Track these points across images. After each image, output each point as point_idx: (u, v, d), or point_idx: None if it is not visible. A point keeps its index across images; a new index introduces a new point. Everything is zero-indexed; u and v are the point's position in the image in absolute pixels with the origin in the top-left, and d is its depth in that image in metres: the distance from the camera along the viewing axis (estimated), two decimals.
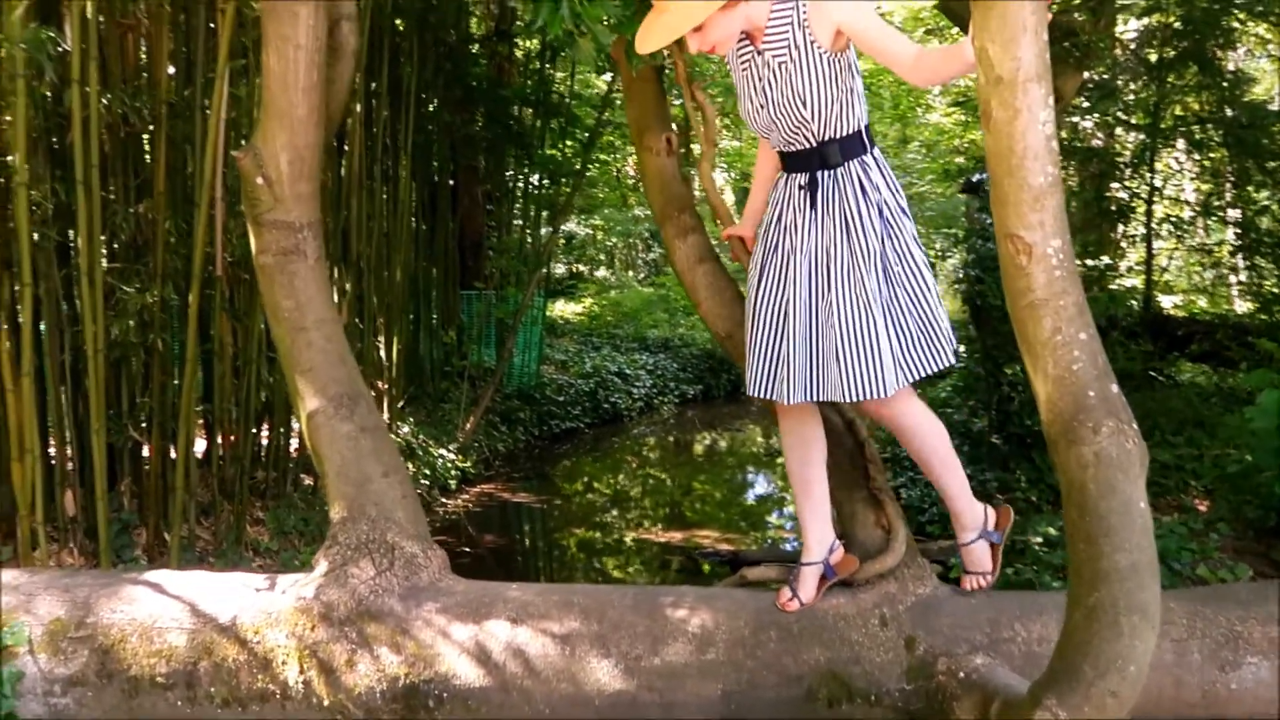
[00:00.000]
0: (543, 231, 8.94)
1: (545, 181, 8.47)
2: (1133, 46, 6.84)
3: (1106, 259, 7.33)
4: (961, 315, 6.85)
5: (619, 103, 8.01)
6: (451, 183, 8.33)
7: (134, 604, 2.52)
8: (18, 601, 2.53)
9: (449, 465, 6.64)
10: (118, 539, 3.93)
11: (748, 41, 2.32)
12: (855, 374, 2.21)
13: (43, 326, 3.78)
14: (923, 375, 2.27)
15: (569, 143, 8.24)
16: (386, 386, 6.53)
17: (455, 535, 5.78)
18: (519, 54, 8.97)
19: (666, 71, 3.12)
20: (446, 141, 7.76)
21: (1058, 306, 1.69)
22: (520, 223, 8.82)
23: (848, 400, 2.25)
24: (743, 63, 2.35)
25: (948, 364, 2.28)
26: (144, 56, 4.05)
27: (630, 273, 18.06)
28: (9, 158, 3.35)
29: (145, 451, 4.21)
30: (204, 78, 4.03)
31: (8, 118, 3.26)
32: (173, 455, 4.07)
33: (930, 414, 2.39)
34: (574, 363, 10.15)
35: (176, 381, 4.17)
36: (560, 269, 16.92)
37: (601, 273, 18.39)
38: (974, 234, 6.01)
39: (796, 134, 2.29)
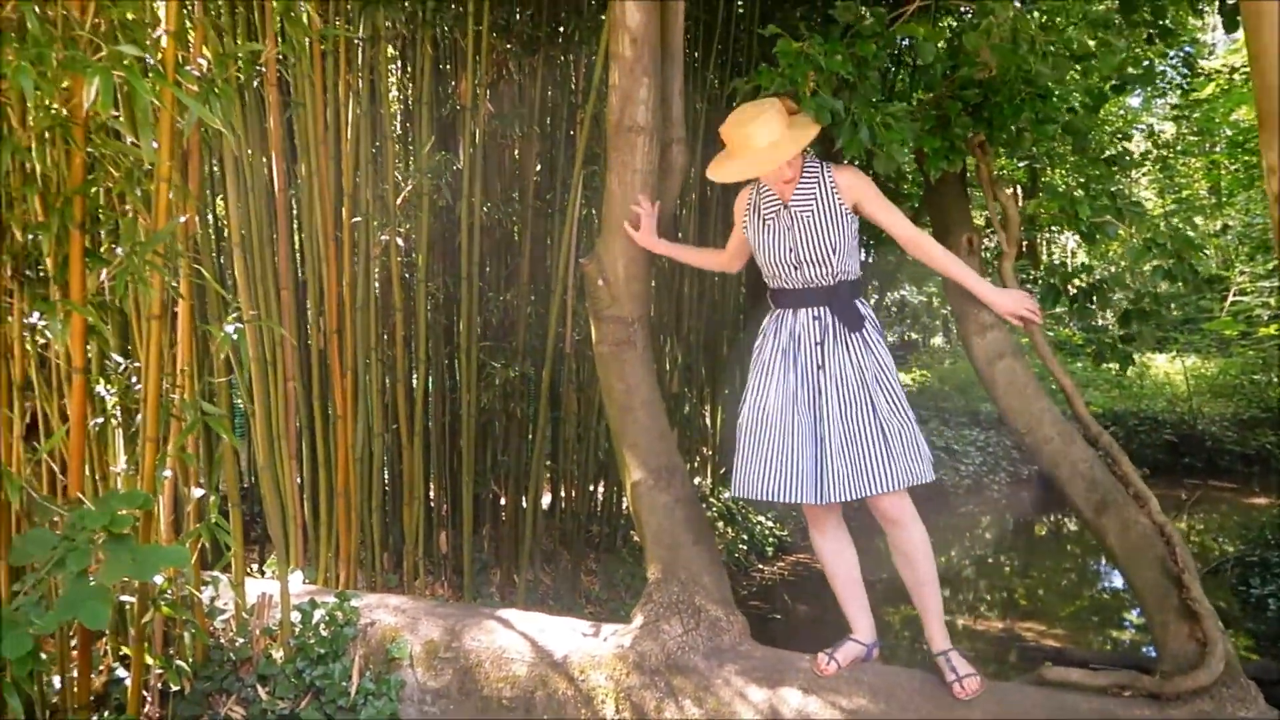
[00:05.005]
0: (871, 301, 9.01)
1: (873, 253, 8.58)
2: None
3: None
4: None
5: None
6: None
7: (490, 634, 3.00)
8: (404, 623, 3.11)
9: (767, 532, 6.88)
10: (478, 577, 4.60)
11: (774, 198, 2.76)
12: (898, 464, 2.60)
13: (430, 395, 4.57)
14: (912, 484, 2.64)
15: None
16: (710, 453, 6.93)
17: (769, 601, 5.98)
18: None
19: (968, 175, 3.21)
20: None
21: None
22: None
23: (894, 488, 2.60)
24: (768, 215, 2.78)
25: (928, 480, 2.65)
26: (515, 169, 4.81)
27: None
28: (413, 257, 4.15)
29: (502, 502, 4.90)
30: (561, 182, 4.70)
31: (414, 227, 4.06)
32: (524, 507, 4.69)
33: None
34: None
35: (529, 442, 4.82)
36: (892, 338, 16.69)
37: (937, 340, 17.84)
38: None
39: (819, 273, 2.71)
